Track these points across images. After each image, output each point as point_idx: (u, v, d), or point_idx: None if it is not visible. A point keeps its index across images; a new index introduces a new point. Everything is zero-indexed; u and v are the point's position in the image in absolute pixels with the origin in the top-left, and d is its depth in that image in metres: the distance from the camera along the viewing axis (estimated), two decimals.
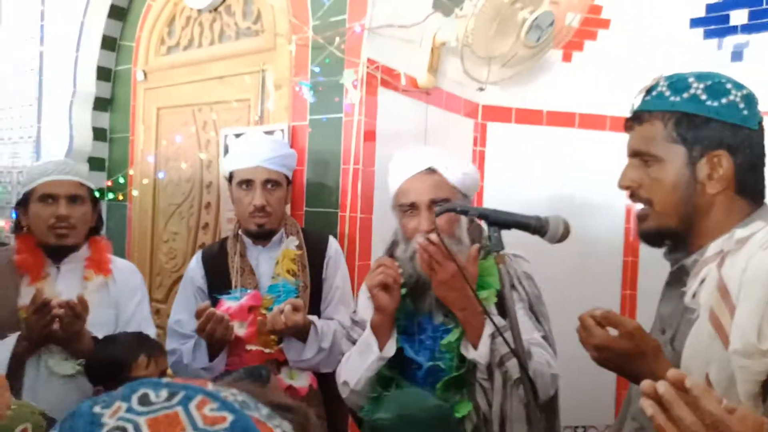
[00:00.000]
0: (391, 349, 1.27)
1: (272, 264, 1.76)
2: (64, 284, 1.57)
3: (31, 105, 3.11)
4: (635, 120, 0.98)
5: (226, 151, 2.35)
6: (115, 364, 1.37)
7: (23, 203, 1.60)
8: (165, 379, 0.40)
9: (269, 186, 1.71)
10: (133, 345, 1.42)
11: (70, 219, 1.56)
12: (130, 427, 0.35)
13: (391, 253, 1.43)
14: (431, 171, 1.32)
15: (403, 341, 1.30)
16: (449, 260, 1.17)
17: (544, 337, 1.32)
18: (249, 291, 1.67)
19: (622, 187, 1.01)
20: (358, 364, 1.31)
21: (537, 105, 2.59)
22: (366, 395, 1.30)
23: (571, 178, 2.52)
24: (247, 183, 1.71)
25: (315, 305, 1.75)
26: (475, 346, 1.21)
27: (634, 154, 0.99)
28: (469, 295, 1.19)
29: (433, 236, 1.19)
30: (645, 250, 2.47)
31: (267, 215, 1.71)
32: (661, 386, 0.58)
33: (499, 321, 1.20)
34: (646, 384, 0.59)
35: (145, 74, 2.76)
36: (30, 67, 3.12)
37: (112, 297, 1.65)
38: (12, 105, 3.23)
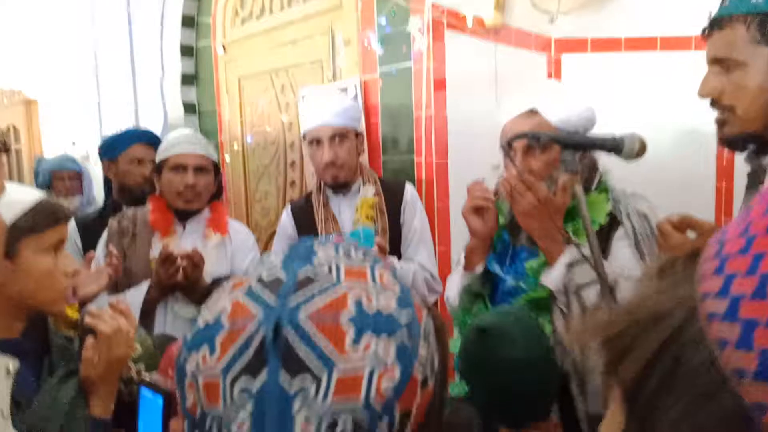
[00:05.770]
0: (478, 267, 1.36)
1: (353, 211, 1.89)
2: (188, 241, 1.79)
3: (127, 89, 3.41)
4: (715, 26, 0.96)
5: None
6: None
7: (158, 170, 1.83)
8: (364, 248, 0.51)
9: (336, 141, 1.82)
10: None
11: (196, 187, 1.77)
12: (333, 265, 0.44)
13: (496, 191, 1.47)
14: (532, 113, 1.31)
15: (495, 262, 1.37)
16: (528, 191, 1.20)
17: None
18: (333, 236, 1.80)
19: (702, 95, 0.99)
20: (456, 282, 1.42)
21: (614, 32, 2.47)
22: (460, 308, 1.41)
23: (655, 105, 2.41)
24: (317, 141, 1.84)
25: (395, 248, 1.86)
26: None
27: (714, 61, 0.97)
28: (549, 225, 1.21)
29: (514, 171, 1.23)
30: (740, 175, 2.34)
31: (338, 168, 1.83)
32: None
33: (584, 252, 1.20)
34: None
35: (224, 47, 2.92)
36: (122, 53, 3.40)
37: (229, 254, 1.85)
38: (112, 92, 3.55)
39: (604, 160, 1.29)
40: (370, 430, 0.37)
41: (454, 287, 1.42)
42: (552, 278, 1.23)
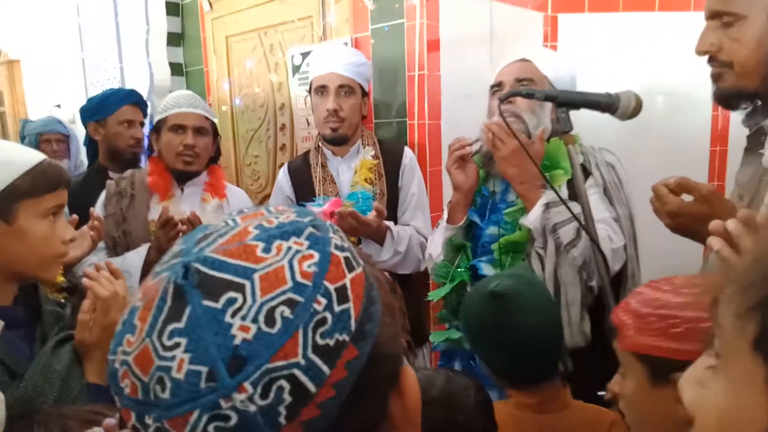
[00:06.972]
0: (461, 220, 1.43)
1: (351, 173, 1.88)
2: (186, 204, 1.78)
3: (112, 47, 3.30)
4: None
5: (294, 71, 2.41)
6: None
7: (156, 130, 1.79)
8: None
9: (343, 93, 1.82)
10: None
11: (196, 148, 1.76)
12: (229, 220, 0.43)
13: None
14: (524, 60, 1.41)
15: (476, 214, 1.41)
16: (510, 137, 1.24)
17: (615, 219, 1.33)
18: (331, 198, 1.79)
19: (699, 52, 0.97)
20: (439, 237, 1.46)
21: None
22: (444, 260, 1.45)
23: (652, 67, 2.36)
24: (323, 89, 1.82)
25: (392, 211, 1.84)
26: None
27: (712, 15, 0.94)
28: (528, 170, 1.26)
29: (496, 118, 1.27)
30: (734, 139, 2.31)
31: (340, 120, 1.81)
32: (731, 223, 0.59)
33: (556, 195, 1.25)
34: (714, 222, 0.61)
35: (210, 4, 2.82)
36: (107, 12, 3.28)
37: None
38: (96, 50, 3.44)
39: (600, 121, 1.27)
40: (308, 306, 0.37)
41: (436, 243, 1.47)
42: (531, 219, 1.27)
